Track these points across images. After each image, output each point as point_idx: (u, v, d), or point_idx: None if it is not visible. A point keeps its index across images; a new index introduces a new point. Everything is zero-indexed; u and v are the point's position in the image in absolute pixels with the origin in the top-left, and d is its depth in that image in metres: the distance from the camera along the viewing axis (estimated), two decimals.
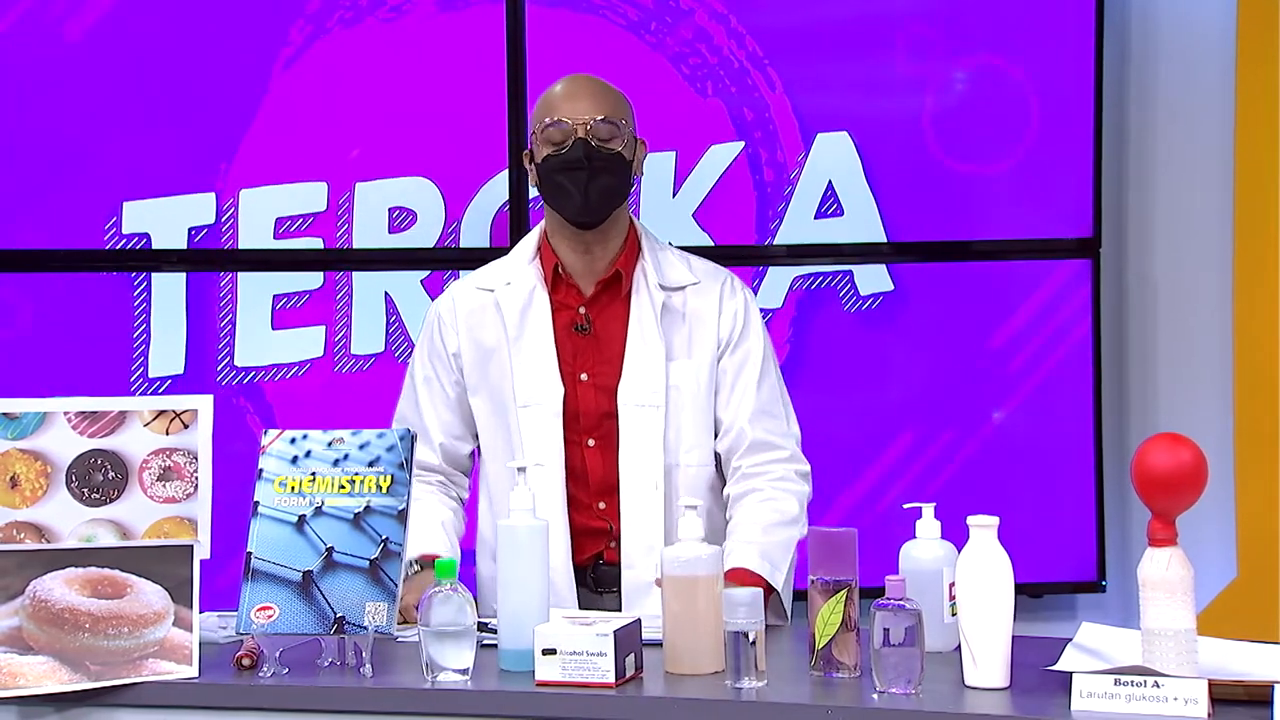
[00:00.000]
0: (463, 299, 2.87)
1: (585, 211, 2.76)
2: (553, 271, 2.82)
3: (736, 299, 2.86)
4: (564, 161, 2.74)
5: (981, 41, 4.14)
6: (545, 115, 2.78)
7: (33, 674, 2.25)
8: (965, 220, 4.17)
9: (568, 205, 2.77)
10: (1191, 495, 2.05)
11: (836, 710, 2.06)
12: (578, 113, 2.75)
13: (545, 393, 2.78)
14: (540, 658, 2.18)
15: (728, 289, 2.86)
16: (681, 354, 2.80)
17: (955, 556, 2.25)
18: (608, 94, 2.81)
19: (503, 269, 2.88)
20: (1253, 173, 4.14)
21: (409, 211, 4.07)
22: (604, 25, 4.06)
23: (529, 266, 2.84)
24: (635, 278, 2.82)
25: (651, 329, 2.80)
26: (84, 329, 3.99)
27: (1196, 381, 4.25)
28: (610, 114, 2.76)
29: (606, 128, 2.75)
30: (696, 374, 2.80)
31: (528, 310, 2.80)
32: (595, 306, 2.82)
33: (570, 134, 2.74)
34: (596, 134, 2.74)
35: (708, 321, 2.83)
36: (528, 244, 2.88)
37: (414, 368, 2.92)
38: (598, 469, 2.78)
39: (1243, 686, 1.99)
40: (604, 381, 2.79)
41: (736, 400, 2.82)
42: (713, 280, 2.87)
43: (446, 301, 2.90)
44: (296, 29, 4.01)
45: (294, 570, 2.32)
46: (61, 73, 3.97)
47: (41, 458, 2.47)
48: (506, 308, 2.81)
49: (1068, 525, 4.17)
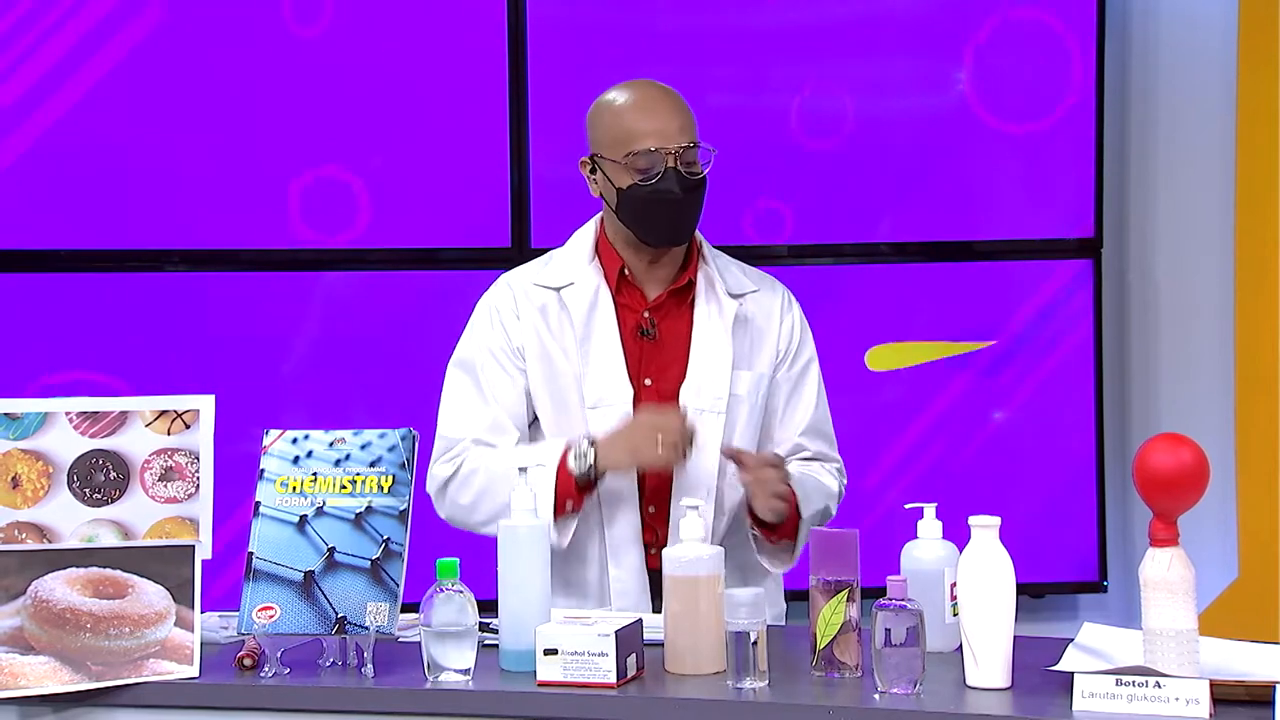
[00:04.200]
0: (523, 294, 2.77)
1: (673, 239, 2.72)
2: (617, 274, 2.75)
3: (793, 311, 2.83)
4: (654, 191, 2.65)
5: (983, 41, 4.14)
6: (629, 139, 2.67)
7: (34, 674, 2.25)
8: (966, 220, 4.18)
9: (653, 232, 2.70)
10: (1193, 495, 2.05)
11: (838, 710, 2.06)
12: (666, 139, 2.65)
13: (615, 395, 2.71)
14: (541, 658, 2.18)
15: (785, 300, 2.83)
16: (744, 363, 2.75)
17: (957, 556, 2.25)
18: (685, 109, 2.71)
19: (561, 267, 2.79)
20: (1254, 173, 4.14)
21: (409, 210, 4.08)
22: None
23: (589, 267, 2.76)
24: (699, 284, 2.77)
25: (721, 335, 2.74)
26: (95, 328, 4.00)
27: (1198, 381, 4.25)
28: (694, 135, 2.68)
29: (693, 152, 2.68)
30: (756, 384, 2.76)
31: (594, 311, 2.73)
32: (660, 311, 2.75)
33: (660, 163, 2.65)
34: (685, 160, 2.66)
35: (768, 332, 2.79)
36: (584, 242, 2.79)
37: (470, 361, 2.77)
38: (652, 474, 2.70)
39: (1244, 687, 1.99)
40: (666, 386, 2.73)
41: (791, 414, 2.80)
42: (770, 290, 2.83)
43: (505, 295, 2.79)
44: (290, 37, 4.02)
45: (295, 570, 2.32)
46: (70, 69, 3.98)
47: (43, 458, 2.47)
48: (573, 307, 2.73)
49: (1069, 525, 4.18)
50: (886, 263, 4.16)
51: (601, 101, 2.75)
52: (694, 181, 2.68)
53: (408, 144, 4.06)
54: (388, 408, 4.03)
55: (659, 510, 2.72)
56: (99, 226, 4.00)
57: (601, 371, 2.72)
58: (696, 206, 2.71)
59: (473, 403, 2.75)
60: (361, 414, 4.02)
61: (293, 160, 4.04)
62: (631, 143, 2.67)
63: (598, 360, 2.72)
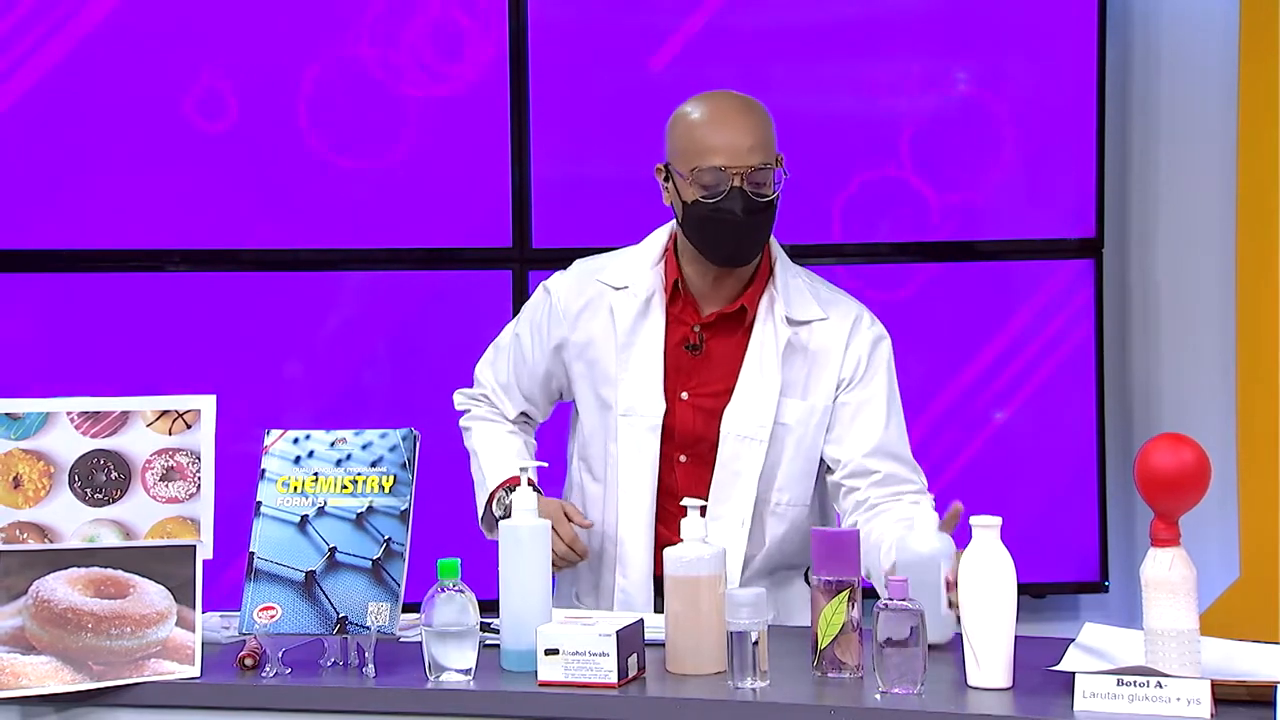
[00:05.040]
0: (579, 289, 2.77)
1: (733, 260, 2.65)
2: (673, 285, 2.71)
3: (863, 337, 2.71)
4: (716, 210, 2.58)
5: (984, 42, 4.14)
6: (698, 155, 2.60)
7: (35, 674, 2.25)
8: (968, 220, 4.18)
9: (715, 252, 2.65)
10: (1194, 495, 2.05)
11: (839, 710, 2.06)
12: (735, 158, 2.57)
13: (647, 406, 2.69)
14: (543, 658, 2.18)
15: (857, 326, 2.72)
16: (796, 392, 2.68)
17: (952, 549, 2.25)
18: (762, 128, 2.62)
19: (625, 266, 2.76)
20: (1255, 173, 4.14)
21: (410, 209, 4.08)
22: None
23: (651, 271, 2.72)
24: (760, 306, 2.70)
25: (771, 362, 2.68)
26: (95, 329, 4.00)
27: (1199, 381, 4.25)
28: (767, 157, 2.59)
29: (763, 173, 2.59)
30: (809, 413, 2.68)
31: (642, 320, 2.70)
32: (712, 329, 2.71)
33: (725, 182, 2.58)
34: (753, 180, 2.58)
35: (830, 361, 2.69)
36: (655, 245, 2.76)
37: (517, 330, 2.85)
38: (689, 486, 2.67)
39: (1245, 687, 1.99)
40: (704, 404, 2.70)
41: (852, 437, 2.68)
42: (842, 317, 2.72)
43: (563, 286, 2.78)
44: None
45: (297, 570, 2.32)
46: (67, 71, 3.98)
47: (44, 458, 2.47)
48: (620, 313, 2.71)
49: (1070, 525, 4.18)
50: (887, 263, 4.16)
51: (680, 111, 2.69)
52: (760, 204, 2.59)
53: (409, 144, 4.06)
54: (389, 407, 4.03)
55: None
56: (99, 226, 4.00)
57: (637, 380, 2.71)
58: (762, 229, 2.64)
59: (503, 359, 2.88)
60: (362, 414, 4.02)
61: (294, 160, 4.04)
62: (699, 158, 2.60)
63: (636, 368, 2.71)
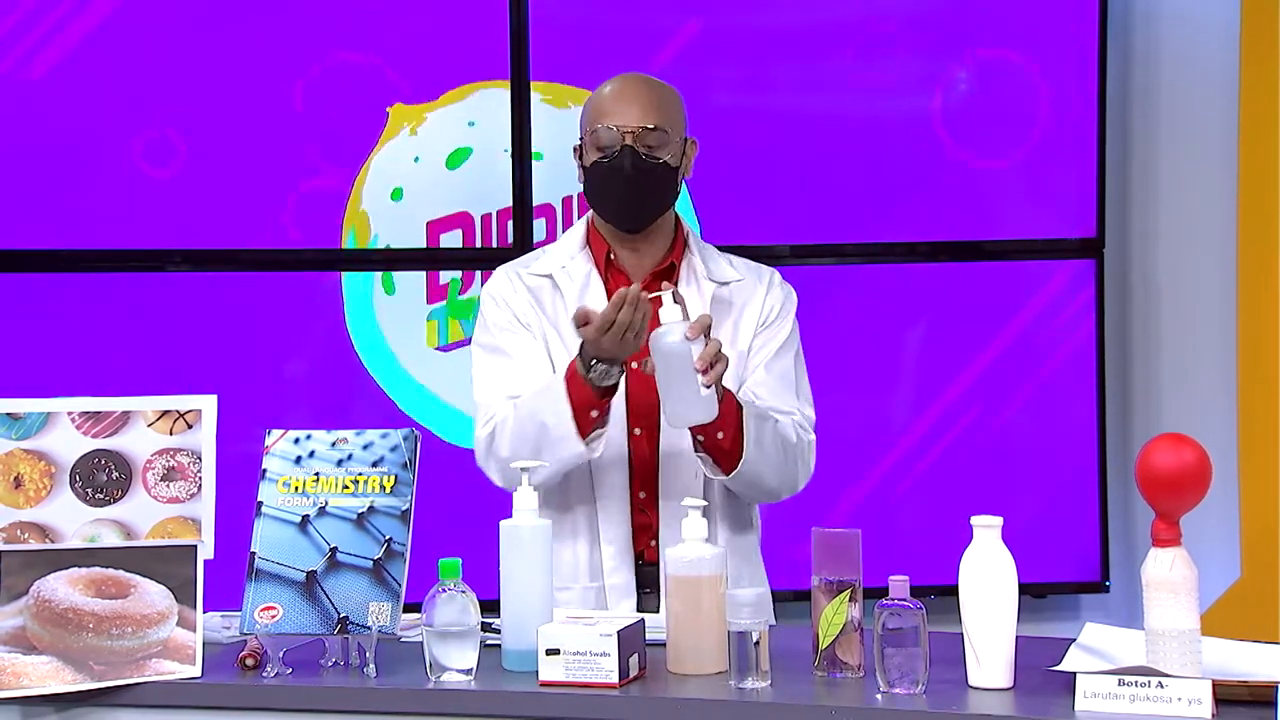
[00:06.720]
0: (520, 281, 2.80)
1: (627, 219, 2.74)
2: (605, 259, 2.79)
3: (776, 291, 2.83)
4: (610, 169, 2.69)
5: (985, 41, 4.14)
6: (595, 119, 2.72)
7: (36, 674, 2.25)
8: (969, 220, 4.18)
9: (610, 211, 2.74)
10: (1195, 495, 2.05)
11: (840, 710, 2.06)
12: (627, 119, 2.69)
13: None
14: (544, 658, 2.18)
15: (770, 282, 2.84)
16: (726, 342, 2.71)
17: (702, 343, 2.45)
18: (658, 98, 2.74)
19: (553, 257, 2.83)
20: (1256, 172, 4.14)
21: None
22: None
23: (580, 254, 2.80)
24: (683, 271, 2.79)
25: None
26: (107, 330, 4.00)
27: (1200, 381, 4.25)
28: (660, 121, 2.70)
29: (656, 135, 2.69)
30: (738, 361, 2.75)
31: (585, 292, 2.76)
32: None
33: (618, 141, 2.68)
34: (644, 142, 2.68)
35: (751, 310, 2.80)
36: (575, 234, 2.83)
37: (488, 338, 2.79)
38: (643, 457, 2.73)
39: (1247, 687, 1.99)
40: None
41: (751, 374, 2.77)
42: (757, 277, 2.84)
43: (504, 282, 2.81)
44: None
45: (297, 570, 2.32)
46: (65, 73, 3.98)
47: (45, 458, 2.47)
48: (566, 290, 2.76)
49: (1071, 525, 4.18)
50: (888, 263, 4.16)
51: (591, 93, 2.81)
52: (650, 164, 2.69)
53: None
54: (390, 407, 4.03)
55: (649, 495, 2.73)
56: (99, 226, 4.00)
57: None
58: (655, 191, 2.72)
59: (498, 368, 2.76)
60: (363, 414, 4.02)
61: (294, 160, 4.04)
62: (596, 121, 2.72)
63: None
